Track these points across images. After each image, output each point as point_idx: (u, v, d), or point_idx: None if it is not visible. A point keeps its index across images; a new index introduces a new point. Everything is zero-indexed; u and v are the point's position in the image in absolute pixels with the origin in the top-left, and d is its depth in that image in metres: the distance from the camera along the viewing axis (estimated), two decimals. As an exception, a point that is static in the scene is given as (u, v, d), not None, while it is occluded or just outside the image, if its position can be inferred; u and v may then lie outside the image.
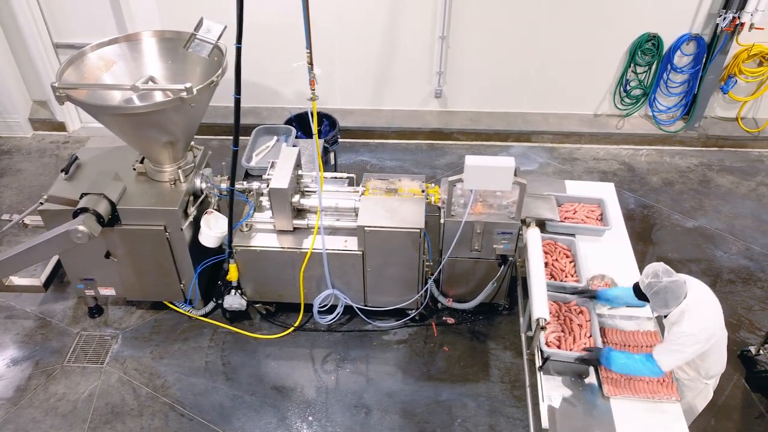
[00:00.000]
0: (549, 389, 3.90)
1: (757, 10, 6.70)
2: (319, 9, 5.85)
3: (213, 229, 4.99)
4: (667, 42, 7.29)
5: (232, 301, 5.24)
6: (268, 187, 4.76)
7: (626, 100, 7.80)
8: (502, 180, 4.52)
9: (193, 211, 4.98)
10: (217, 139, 7.64)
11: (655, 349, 3.69)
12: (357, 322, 5.46)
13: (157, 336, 5.42)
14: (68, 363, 5.20)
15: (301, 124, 6.66)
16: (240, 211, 5.11)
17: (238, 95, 4.32)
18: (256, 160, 5.67)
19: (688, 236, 6.48)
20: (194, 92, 4.26)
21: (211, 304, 5.57)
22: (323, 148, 6.09)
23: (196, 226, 5.05)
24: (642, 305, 4.00)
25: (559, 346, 4.04)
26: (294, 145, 5.58)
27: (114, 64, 4.85)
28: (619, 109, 7.88)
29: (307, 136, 6.41)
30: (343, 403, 4.91)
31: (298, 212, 5.07)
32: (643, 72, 7.55)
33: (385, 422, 4.77)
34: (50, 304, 5.70)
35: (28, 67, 7.58)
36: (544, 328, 3.94)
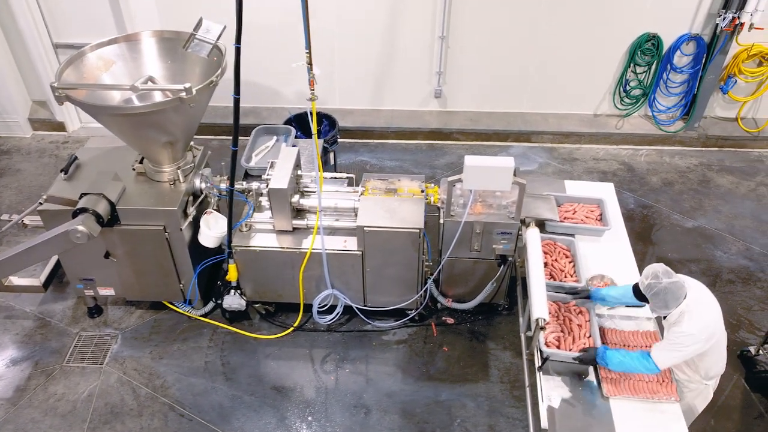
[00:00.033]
0: (548, 389, 3.91)
1: (757, 10, 6.71)
2: (319, 9, 5.87)
3: (212, 229, 4.99)
4: (666, 42, 7.29)
5: (232, 301, 5.24)
6: (268, 187, 4.76)
7: (626, 100, 7.80)
8: (501, 180, 4.53)
9: (192, 211, 4.98)
10: (217, 139, 7.64)
11: (654, 347, 3.69)
12: (356, 322, 5.46)
13: (157, 336, 5.42)
14: (68, 363, 5.20)
15: (301, 124, 6.66)
16: (239, 211, 5.11)
17: (238, 95, 4.32)
18: (256, 160, 5.67)
19: (688, 236, 6.48)
20: (193, 92, 4.26)
21: (211, 304, 5.57)
22: (323, 148, 6.09)
23: (195, 226, 5.05)
24: (639, 305, 3.98)
25: (558, 347, 4.04)
26: (293, 145, 5.59)
27: (113, 64, 4.85)
28: (619, 109, 7.88)
29: (307, 136, 6.41)
30: (342, 403, 4.91)
31: (298, 212, 5.07)
32: (643, 72, 7.55)
33: (385, 422, 4.77)
34: (50, 304, 5.70)
35: (27, 67, 7.58)
36: (544, 329, 3.94)
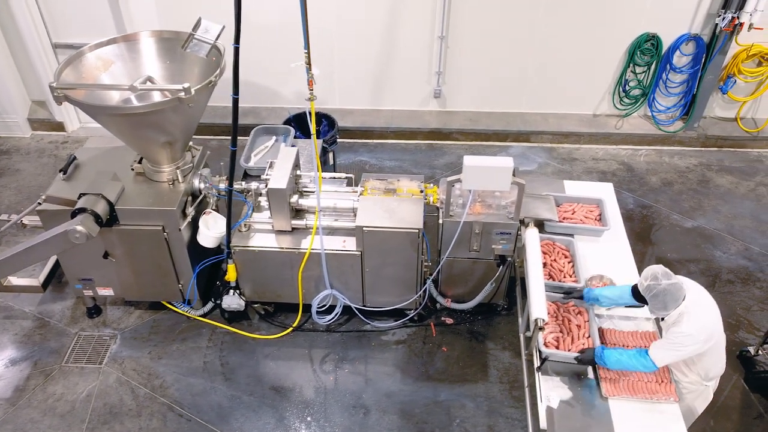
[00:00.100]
0: (547, 390, 3.90)
1: (756, 10, 6.71)
2: (319, 9, 5.85)
3: (211, 230, 4.98)
4: (666, 42, 7.29)
5: (231, 302, 5.24)
6: (267, 187, 4.76)
7: (625, 100, 7.80)
8: (500, 180, 4.53)
9: (191, 211, 4.98)
10: (216, 139, 7.64)
11: (653, 345, 3.70)
12: (355, 322, 5.46)
13: (156, 336, 5.42)
14: (66, 363, 5.20)
15: (300, 124, 6.66)
16: (238, 211, 5.11)
17: (236, 95, 4.31)
18: (255, 161, 5.66)
19: (687, 236, 6.48)
20: (192, 92, 4.26)
21: (210, 305, 5.57)
22: (322, 148, 6.08)
23: (194, 227, 5.05)
24: (636, 305, 3.95)
25: (557, 347, 4.04)
26: (293, 145, 5.58)
27: (112, 64, 4.85)
28: (618, 109, 7.88)
29: (306, 136, 6.41)
30: (341, 404, 4.91)
31: (297, 212, 5.06)
32: (642, 72, 7.54)
33: (384, 422, 4.77)
34: (49, 305, 5.69)
35: (26, 67, 7.58)
36: (543, 329, 3.95)
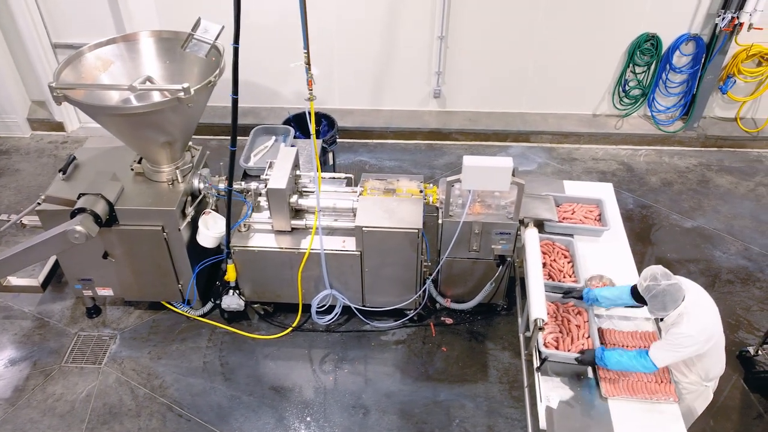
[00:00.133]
0: (547, 390, 3.90)
1: (756, 10, 6.71)
2: (319, 9, 5.86)
3: (211, 230, 4.98)
4: (665, 42, 7.29)
5: (231, 302, 5.24)
6: (266, 187, 4.76)
7: (625, 100, 7.80)
8: (500, 180, 4.52)
9: (191, 211, 4.98)
10: (216, 139, 7.64)
11: (653, 345, 3.70)
12: (355, 322, 5.46)
13: (155, 336, 5.42)
14: (66, 363, 5.19)
15: (300, 124, 6.65)
16: (238, 211, 5.11)
17: (236, 95, 4.31)
18: (255, 161, 5.66)
19: (687, 236, 6.48)
20: (192, 92, 4.25)
21: (210, 305, 5.56)
22: (322, 149, 6.08)
23: (194, 227, 5.04)
24: (636, 306, 3.95)
25: (557, 347, 4.03)
26: (292, 146, 5.58)
27: (111, 64, 4.85)
28: (618, 109, 7.88)
29: (306, 136, 6.40)
30: (341, 404, 4.90)
31: (296, 212, 5.06)
32: (642, 72, 7.54)
33: (383, 423, 4.77)
34: (48, 305, 5.69)
35: (26, 67, 7.58)
36: (542, 329, 3.94)
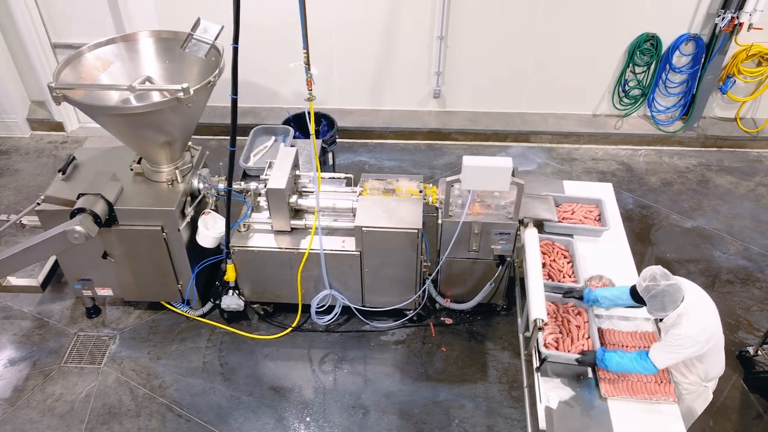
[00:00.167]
0: (546, 390, 3.90)
1: (756, 10, 6.71)
2: (318, 9, 5.85)
3: (210, 230, 4.98)
4: (665, 42, 7.28)
5: (230, 302, 5.24)
6: (266, 187, 4.76)
7: (625, 100, 7.80)
8: (499, 180, 4.52)
9: (190, 211, 4.97)
10: (216, 139, 7.64)
11: (652, 347, 3.69)
12: (355, 322, 5.46)
13: (155, 336, 5.42)
14: (65, 363, 5.19)
15: (300, 124, 6.65)
16: (238, 211, 5.11)
17: (235, 95, 4.30)
18: (254, 161, 5.66)
19: (687, 236, 6.48)
20: (191, 92, 4.25)
21: (209, 305, 5.56)
22: (321, 149, 6.08)
23: (193, 227, 5.04)
24: (635, 306, 3.94)
25: (557, 348, 4.03)
26: (292, 146, 5.57)
27: (111, 64, 4.85)
28: (618, 109, 7.87)
29: (306, 136, 6.40)
30: (340, 404, 4.90)
31: (296, 212, 5.06)
32: (642, 72, 7.54)
33: (383, 423, 4.77)
34: (48, 305, 5.69)
35: (26, 67, 7.57)
36: (542, 329, 3.94)
